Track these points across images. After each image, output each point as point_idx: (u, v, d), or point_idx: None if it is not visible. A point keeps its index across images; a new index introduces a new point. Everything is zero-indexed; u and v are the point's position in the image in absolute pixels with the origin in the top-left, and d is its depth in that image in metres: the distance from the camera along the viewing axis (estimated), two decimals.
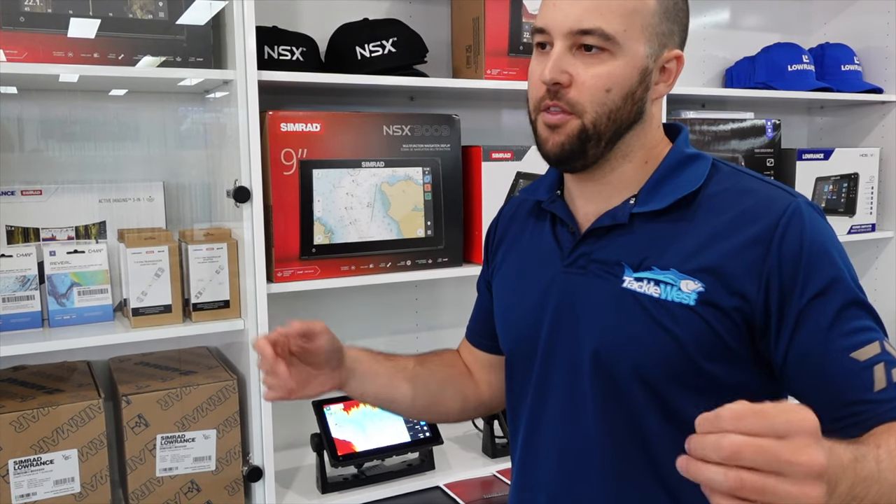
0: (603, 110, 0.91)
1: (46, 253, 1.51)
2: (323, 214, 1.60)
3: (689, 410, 0.88)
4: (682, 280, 0.89)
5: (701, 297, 0.88)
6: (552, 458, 1.00)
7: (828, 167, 2.32)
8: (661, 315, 0.90)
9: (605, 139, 0.92)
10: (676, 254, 0.91)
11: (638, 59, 0.91)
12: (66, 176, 1.64)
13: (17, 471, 1.40)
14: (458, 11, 1.89)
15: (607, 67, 0.90)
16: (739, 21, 2.53)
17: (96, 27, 1.42)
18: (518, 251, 1.09)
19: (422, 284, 2.04)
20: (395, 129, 1.67)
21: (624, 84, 0.91)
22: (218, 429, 1.54)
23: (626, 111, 0.92)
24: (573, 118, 0.91)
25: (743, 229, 0.88)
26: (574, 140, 0.91)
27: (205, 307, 1.55)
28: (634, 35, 0.90)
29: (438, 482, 1.74)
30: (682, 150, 0.97)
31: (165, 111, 1.73)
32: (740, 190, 0.92)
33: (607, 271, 0.95)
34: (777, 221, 0.87)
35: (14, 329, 1.47)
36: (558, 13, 0.91)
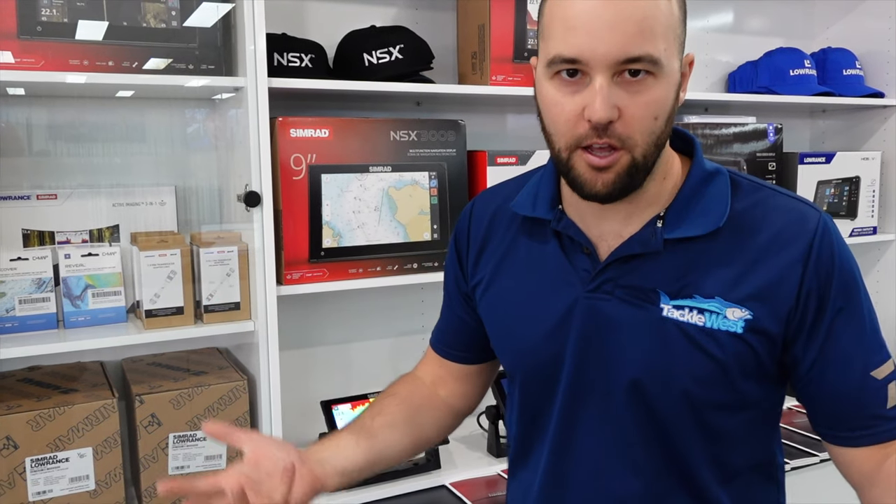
0: (651, 139, 0.85)
1: (61, 256, 1.54)
2: (331, 218, 1.63)
3: (722, 426, 0.93)
4: (729, 308, 0.89)
5: (748, 324, 0.88)
6: (585, 485, 0.98)
7: (829, 171, 2.35)
8: (706, 343, 0.89)
9: (650, 167, 0.87)
10: (718, 280, 0.89)
11: (674, 76, 0.86)
12: (79, 180, 1.68)
13: (33, 468, 1.43)
14: (463, 18, 1.92)
15: (653, 93, 0.83)
16: (742, 25, 2.56)
17: (102, 33, 1.46)
18: (514, 272, 1.02)
19: (427, 287, 2.07)
20: (401, 134, 1.70)
21: (667, 108, 0.85)
22: None
23: (667, 134, 0.88)
24: (623, 153, 0.84)
25: (782, 251, 0.89)
26: (624, 177, 0.85)
27: (216, 309, 1.58)
28: (671, 51, 0.84)
29: (444, 481, 1.77)
30: (702, 166, 0.95)
31: (175, 116, 1.77)
32: (768, 207, 0.92)
33: (640, 298, 0.92)
34: (812, 241, 0.89)
35: (30, 330, 1.51)
36: (596, 41, 0.80)
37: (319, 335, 1.96)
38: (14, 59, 1.38)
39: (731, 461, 0.96)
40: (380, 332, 2.04)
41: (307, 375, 1.94)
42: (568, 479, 1.00)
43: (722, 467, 0.95)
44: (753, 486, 0.99)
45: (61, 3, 1.41)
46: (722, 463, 0.95)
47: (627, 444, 0.95)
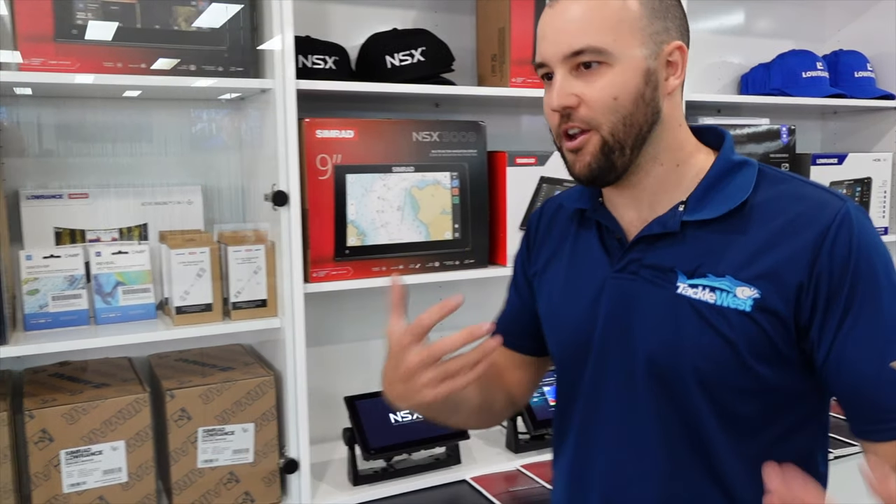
0: (617, 118, 0.94)
1: (92, 253, 1.58)
2: (356, 217, 1.67)
3: (741, 410, 0.95)
4: (738, 287, 0.93)
5: (757, 303, 0.92)
6: (607, 461, 1.03)
7: (841, 171, 2.38)
8: (716, 320, 0.93)
9: (628, 146, 0.95)
10: (731, 261, 0.94)
11: (637, 62, 0.94)
12: (110, 180, 1.71)
13: (68, 461, 1.47)
14: (483, 21, 1.95)
15: (608, 78, 0.93)
16: (754, 28, 2.59)
17: (119, 36, 1.49)
18: (563, 258, 1.12)
19: (446, 285, 2.10)
20: (424, 135, 1.74)
21: (629, 88, 0.94)
22: (256, 422, 1.61)
23: (641, 114, 0.95)
24: (592, 134, 0.94)
25: (796, 235, 0.92)
26: (598, 155, 0.95)
27: (243, 306, 1.62)
28: (626, 42, 0.94)
29: (465, 476, 1.80)
30: (729, 157, 1.00)
31: (202, 118, 1.81)
32: (790, 196, 0.95)
33: (660, 277, 0.98)
34: (828, 226, 0.90)
35: (63, 326, 1.54)
36: (550, 44, 0.95)
37: (339, 332, 2.00)
38: (50, 61, 1.42)
39: (751, 450, 0.97)
40: None
41: (329, 371, 1.97)
42: (592, 454, 1.05)
43: (742, 456, 0.97)
44: None
45: (96, 6, 1.44)
46: (742, 452, 0.97)
47: (646, 420, 0.99)
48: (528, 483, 1.78)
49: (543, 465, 1.85)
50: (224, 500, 1.60)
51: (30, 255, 1.52)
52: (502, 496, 1.71)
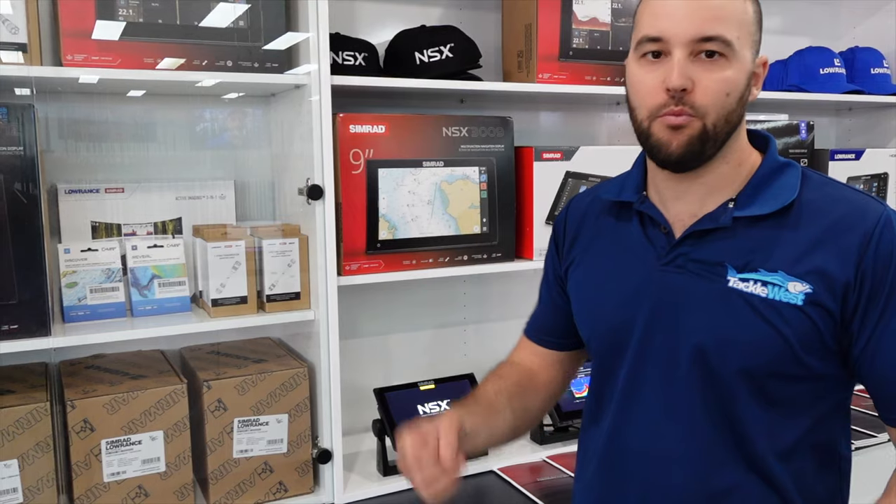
0: (722, 113, 0.96)
1: (129, 247, 1.60)
2: (387, 211, 1.69)
3: (784, 396, 0.99)
4: (790, 282, 0.96)
5: (808, 297, 0.96)
6: (644, 448, 1.06)
7: (859, 167, 2.40)
8: (769, 313, 0.97)
9: (720, 140, 0.98)
10: (782, 257, 0.98)
11: (746, 64, 0.98)
12: (145, 174, 1.74)
13: (108, 450, 1.49)
14: (509, 18, 1.97)
15: (726, 73, 0.95)
16: (771, 25, 2.61)
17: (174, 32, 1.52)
18: (600, 250, 1.14)
19: (470, 279, 2.13)
20: (453, 130, 1.76)
21: (738, 88, 0.97)
22: (290, 413, 1.64)
23: (738, 114, 0.99)
24: (696, 120, 0.96)
25: (842, 235, 0.96)
26: (696, 141, 0.97)
27: (277, 298, 1.64)
28: (744, 42, 0.97)
29: (492, 466, 1.83)
30: (776, 158, 1.05)
31: (235, 113, 1.83)
32: (833, 198, 1.00)
33: (708, 271, 1.01)
34: (873, 229, 0.96)
35: (101, 318, 1.56)
36: (678, 22, 0.95)
37: (368, 325, 2.02)
38: (93, 57, 1.44)
39: (786, 434, 1.01)
40: (424, 323, 2.10)
41: (358, 364, 2.00)
42: (628, 438, 1.09)
43: (777, 439, 1.01)
44: (812, 467, 1.04)
45: (137, 3, 1.46)
46: (777, 435, 1.00)
47: (687, 407, 1.03)
48: (555, 473, 1.81)
49: (569, 457, 1.87)
50: (258, 490, 1.63)
51: (68, 249, 1.54)
52: (529, 486, 1.74)
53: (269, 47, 1.59)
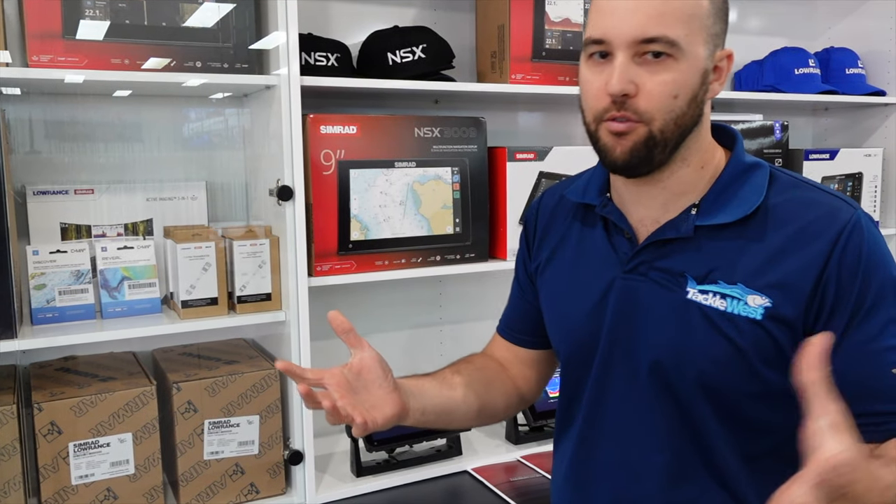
0: (670, 117, 0.91)
1: (98, 249, 1.59)
2: (359, 212, 1.69)
3: (745, 411, 0.96)
4: (750, 295, 0.93)
5: (768, 311, 0.92)
6: (610, 459, 1.05)
7: (833, 167, 2.42)
8: (726, 327, 0.93)
9: (670, 145, 0.93)
10: (744, 268, 0.94)
11: (699, 62, 0.91)
12: (115, 176, 1.73)
13: (76, 453, 1.48)
14: (482, 19, 1.98)
15: (673, 74, 0.90)
16: (747, 25, 2.62)
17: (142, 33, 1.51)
18: (566, 254, 1.11)
19: (446, 279, 2.13)
20: (425, 131, 1.76)
21: (689, 88, 0.91)
22: (261, 415, 1.63)
23: (690, 115, 0.93)
24: (640, 125, 0.91)
25: (808, 243, 0.91)
26: (641, 147, 0.92)
27: (248, 300, 1.63)
28: (695, 38, 0.90)
29: (466, 466, 1.83)
30: (741, 159, 0.99)
31: (205, 114, 1.82)
32: (802, 202, 0.94)
33: (669, 281, 0.98)
34: (839, 233, 0.91)
35: (70, 320, 1.56)
36: (618, 23, 0.90)
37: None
38: (59, 58, 1.43)
39: (752, 448, 0.98)
40: (399, 324, 2.10)
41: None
42: (596, 451, 1.07)
43: (742, 453, 0.98)
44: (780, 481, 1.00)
45: (104, 4, 1.46)
46: (742, 448, 0.98)
47: (650, 421, 1.01)
48: (529, 473, 1.81)
49: (543, 456, 1.88)
50: (229, 492, 1.62)
51: (36, 251, 1.54)
52: (503, 486, 1.74)
53: (239, 48, 1.58)
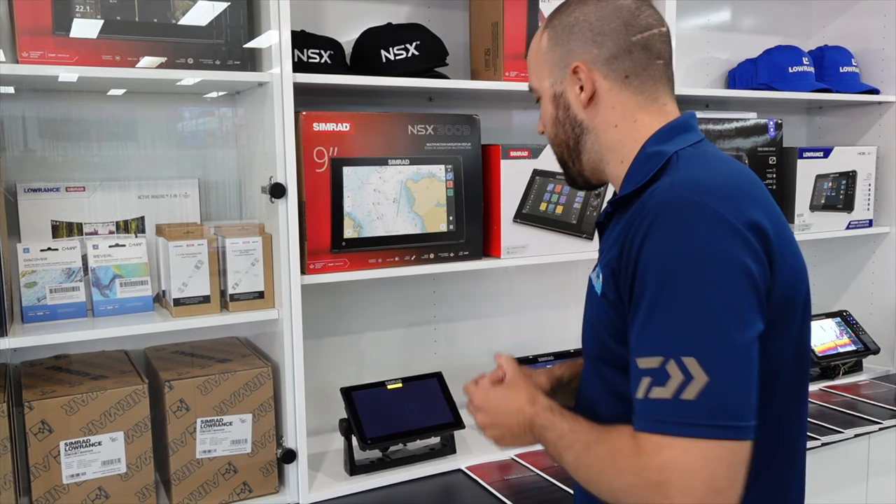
0: (551, 141, 1.15)
1: (90, 246, 1.58)
2: (352, 209, 1.68)
3: (623, 388, 0.95)
4: (601, 273, 1.01)
5: (603, 289, 1.00)
6: None
7: (827, 165, 2.42)
8: (592, 303, 1.06)
9: (568, 159, 1.13)
10: (605, 250, 1.04)
11: (547, 92, 1.11)
12: (106, 173, 1.72)
13: (67, 452, 1.47)
14: (476, 16, 1.97)
15: (541, 110, 1.14)
16: (741, 24, 2.62)
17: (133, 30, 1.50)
18: None
19: (440, 277, 2.13)
20: (419, 128, 1.75)
21: (547, 116, 1.12)
22: (254, 413, 1.62)
23: (562, 132, 1.11)
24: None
25: (631, 224, 0.94)
26: (562, 168, 1.17)
27: (241, 298, 1.63)
28: (541, 76, 1.11)
29: (460, 465, 1.83)
30: (645, 150, 1.03)
31: (198, 111, 1.82)
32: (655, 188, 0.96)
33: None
34: (634, 220, 0.93)
35: (61, 318, 1.55)
36: None
37: (334, 325, 2.01)
38: (49, 54, 1.42)
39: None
40: (393, 322, 2.09)
41: (325, 363, 1.99)
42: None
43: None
44: None
45: (94, 0, 1.45)
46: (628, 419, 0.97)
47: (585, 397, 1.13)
48: (523, 471, 1.81)
49: (538, 454, 1.87)
50: (222, 491, 1.62)
51: (27, 248, 1.52)
52: (497, 484, 1.74)
53: (231, 45, 1.58)
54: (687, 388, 0.84)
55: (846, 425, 2.05)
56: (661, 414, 0.85)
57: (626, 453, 0.88)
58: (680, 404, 0.84)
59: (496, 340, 2.23)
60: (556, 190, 1.91)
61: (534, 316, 2.31)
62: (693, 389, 0.83)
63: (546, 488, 1.71)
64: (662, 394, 0.85)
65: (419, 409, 1.83)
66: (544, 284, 2.30)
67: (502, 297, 2.25)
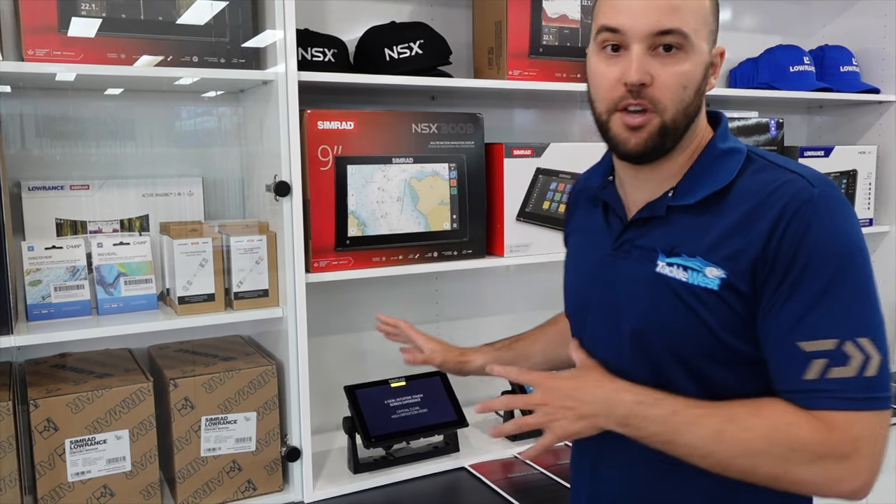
0: (681, 107, 0.97)
1: (94, 245, 1.59)
2: (356, 208, 1.69)
3: (721, 380, 1.00)
4: (707, 267, 0.98)
5: (723, 282, 0.96)
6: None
7: (828, 164, 2.43)
8: (689, 297, 0.99)
9: (679, 133, 1.00)
10: (704, 243, 0.99)
11: (703, 56, 0.99)
12: (111, 171, 1.72)
13: (72, 450, 1.47)
14: (479, 15, 1.97)
15: (683, 67, 0.96)
16: (742, 23, 2.63)
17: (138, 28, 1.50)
18: (579, 233, 1.22)
19: (442, 276, 2.13)
20: (423, 126, 1.76)
21: (696, 80, 0.98)
22: (258, 411, 1.63)
23: (696, 106, 0.99)
24: (654, 116, 0.97)
25: (759, 218, 0.94)
26: (655, 137, 0.98)
27: (245, 296, 1.63)
28: (701, 34, 0.97)
29: (464, 463, 1.83)
30: (717, 145, 1.03)
31: (202, 109, 1.82)
32: (768, 181, 0.97)
33: (645, 256, 1.04)
34: (787, 207, 0.93)
35: (66, 316, 1.55)
36: (635, 15, 0.96)
37: (338, 323, 2.02)
38: (55, 52, 1.42)
39: None
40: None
41: (328, 361, 1.99)
42: None
43: None
44: None
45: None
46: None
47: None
48: (526, 469, 1.81)
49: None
50: (226, 489, 1.62)
51: (32, 247, 1.53)
52: (500, 482, 1.74)
53: (236, 43, 1.58)
54: (869, 366, 0.91)
55: None
56: (847, 391, 0.91)
57: (806, 427, 0.91)
58: (865, 381, 0.90)
59: (498, 338, 2.23)
60: (558, 188, 1.91)
61: (536, 314, 2.30)
62: (873, 367, 0.91)
63: (549, 486, 1.72)
64: (846, 373, 0.91)
65: (423, 407, 1.83)
66: (547, 283, 2.30)
67: (505, 296, 2.25)
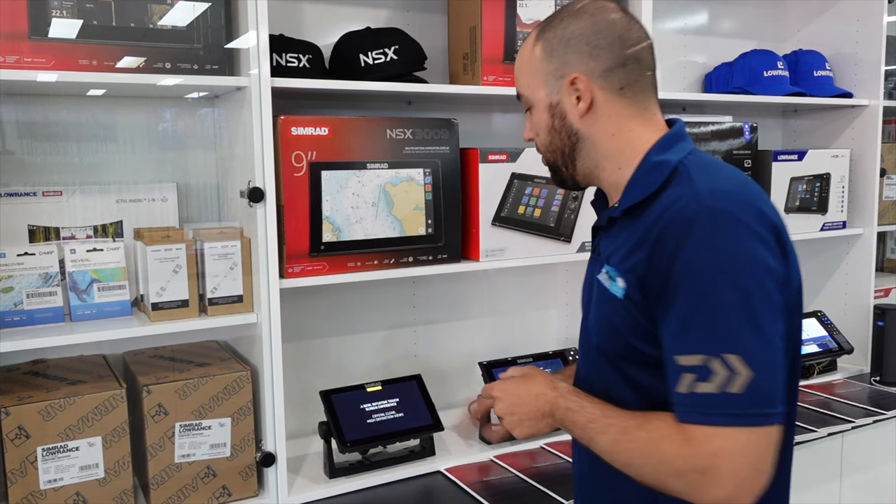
0: (543, 148, 1.19)
1: (67, 251, 1.58)
2: (331, 213, 1.69)
3: (647, 383, 1.07)
4: (618, 277, 1.07)
5: (625, 292, 1.05)
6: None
7: (802, 167, 2.45)
8: (606, 302, 1.09)
9: (561, 165, 1.17)
10: (619, 253, 1.07)
11: (543, 102, 1.15)
12: (83, 177, 1.71)
13: (44, 457, 1.47)
14: (455, 21, 1.98)
15: (534, 118, 1.18)
16: (717, 28, 2.65)
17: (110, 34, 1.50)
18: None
19: (419, 281, 2.14)
20: (397, 132, 1.76)
21: (542, 124, 1.16)
22: (233, 417, 1.63)
23: (557, 140, 1.15)
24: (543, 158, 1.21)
25: (650, 234, 1.00)
26: (551, 172, 1.22)
27: (219, 302, 1.63)
28: (535, 85, 1.15)
29: (439, 467, 1.84)
30: (650, 158, 1.09)
31: (176, 115, 1.81)
32: (673, 196, 1.01)
33: (599, 263, 1.16)
34: (667, 226, 0.98)
35: (38, 323, 1.54)
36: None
37: (313, 328, 2.02)
38: (25, 59, 1.42)
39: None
40: (373, 325, 2.10)
41: (304, 366, 1.99)
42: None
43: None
44: None
45: (71, 4, 1.45)
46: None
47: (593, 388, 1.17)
48: (502, 473, 1.82)
49: (516, 455, 1.89)
50: (201, 495, 1.62)
51: (3, 253, 1.52)
52: (476, 486, 1.75)
53: (209, 49, 1.58)
54: (732, 383, 0.93)
55: (820, 424, 2.09)
56: (708, 407, 0.94)
57: (672, 441, 0.96)
58: (727, 397, 0.93)
59: (475, 342, 2.24)
60: (534, 193, 1.93)
61: (513, 318, 2.32)
62: (739, 383, 0.92)
63: (525, 489, 1.73)
64: (708, 388, 0.94)
65: (399, 411, 1.84)
66: (523, 287, 2.32)
67: (481, 300, 2.26)
